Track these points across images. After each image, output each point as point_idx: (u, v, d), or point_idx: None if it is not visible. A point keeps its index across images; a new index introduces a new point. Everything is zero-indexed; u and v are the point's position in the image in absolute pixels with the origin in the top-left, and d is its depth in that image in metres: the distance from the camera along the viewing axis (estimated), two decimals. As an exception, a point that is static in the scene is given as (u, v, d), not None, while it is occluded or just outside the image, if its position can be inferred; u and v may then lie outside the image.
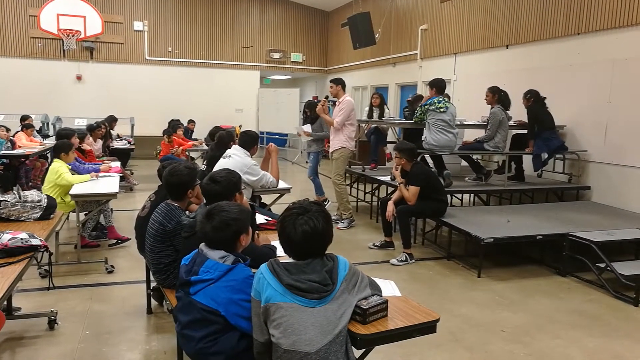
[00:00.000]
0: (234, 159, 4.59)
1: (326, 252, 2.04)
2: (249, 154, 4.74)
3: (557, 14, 7.09)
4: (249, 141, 4.80)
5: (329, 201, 7.39)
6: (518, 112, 6.77)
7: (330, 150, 6.62)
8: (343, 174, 6.62)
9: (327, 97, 6.86)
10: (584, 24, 6.67)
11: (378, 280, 2.25)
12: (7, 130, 7.96)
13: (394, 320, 2.12)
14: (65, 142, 5.41)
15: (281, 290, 1.90)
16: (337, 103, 6.55)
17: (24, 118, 9.11)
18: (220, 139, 5.42)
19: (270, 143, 5.17)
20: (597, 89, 6.46)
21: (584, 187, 6.60)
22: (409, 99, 8.00)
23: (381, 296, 2.13)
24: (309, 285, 1.89)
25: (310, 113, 7.61)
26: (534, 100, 6.39)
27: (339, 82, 6.53)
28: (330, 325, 1.88)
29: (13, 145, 7.73)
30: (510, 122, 6.61)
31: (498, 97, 6.39)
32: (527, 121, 6.54)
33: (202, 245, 2.20)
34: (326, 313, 1.89)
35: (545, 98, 6.41)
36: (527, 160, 6.74)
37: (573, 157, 6.68)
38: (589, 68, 6.59)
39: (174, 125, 9.94)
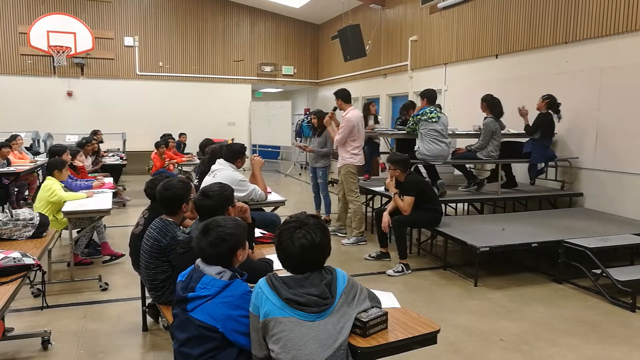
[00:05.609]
0: (220, 175, 4.43)
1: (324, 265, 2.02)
2: (234, 167, 4.63)
3: (545, 23, 7.18)
4: (234, 154, 4.68)
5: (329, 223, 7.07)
6: (511, 120, 6.83)
7: (338, 166, 6.54)
8: (356, 190, 6.45)
9: (335, 109, 6.61)
10: (571, 33, 6.76)
11: (377, 292, 2.24)
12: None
13: (394, 332, 2.10)
14: (58, 160, 5.36)
15: (280, 304, 1.88)
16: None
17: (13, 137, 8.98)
18: (213, 153, 5.32)
19: (255, 155, 5.03)
20: (586, 97, 6.53)
21: (577, 193, 6.64)
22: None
23: (381, 308, 2.12)
24: (308, 299, 1.88)
25: (318, 123, 7.20)
26: (547, 106, 6.35)
27: (339, 96, 6.38)
28: (331, 339, 1.86)
29: (9, 163, 7.67)
30: (504, 131, 6.63)
31: (491, 106, 6.40)
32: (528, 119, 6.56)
33: (198, 261, 2.18)
34: (326, 327, 1.87)
35: (559, 110, 6.37)
36: (518, 167, 6.78)
37: (565, 164, 6.73)
38: (578, 76, 6.67)
39: (165, 139, 9.91)
